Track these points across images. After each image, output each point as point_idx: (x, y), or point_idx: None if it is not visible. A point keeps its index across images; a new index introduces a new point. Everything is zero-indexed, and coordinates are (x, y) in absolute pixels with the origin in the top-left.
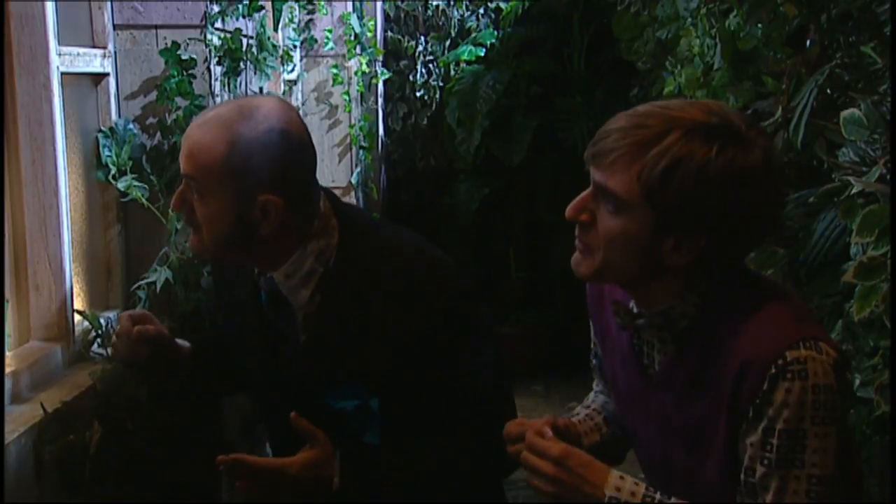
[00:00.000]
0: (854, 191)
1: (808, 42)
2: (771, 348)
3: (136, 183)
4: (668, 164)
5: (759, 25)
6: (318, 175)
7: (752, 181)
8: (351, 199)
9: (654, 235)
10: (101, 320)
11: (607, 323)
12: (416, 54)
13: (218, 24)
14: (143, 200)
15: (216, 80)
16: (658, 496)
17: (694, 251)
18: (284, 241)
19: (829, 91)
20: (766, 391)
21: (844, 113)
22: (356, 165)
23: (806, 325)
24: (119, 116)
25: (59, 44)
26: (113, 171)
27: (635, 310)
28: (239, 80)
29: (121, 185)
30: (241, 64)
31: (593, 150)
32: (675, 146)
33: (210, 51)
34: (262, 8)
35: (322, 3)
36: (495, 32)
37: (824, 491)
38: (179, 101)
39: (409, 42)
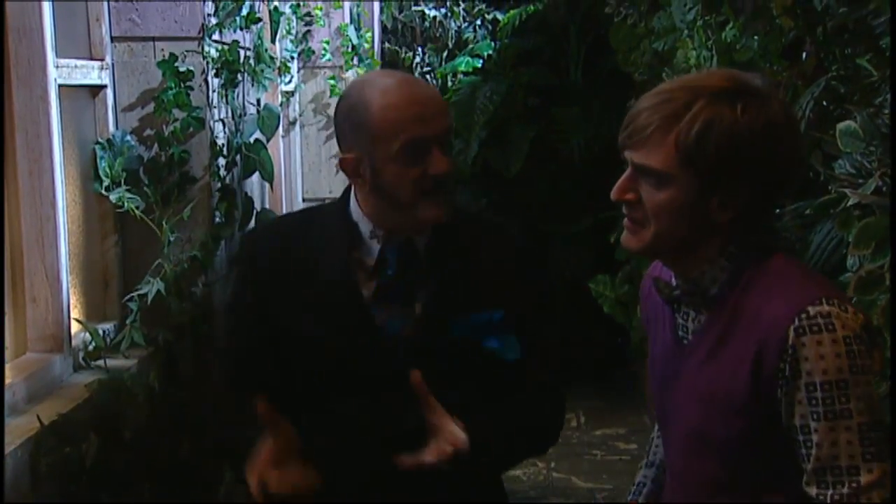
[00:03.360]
0: (850, 203)
1: (804, 54)
2: (793, 305)
3: (128, 195)
4: (700, 128)
5: (756, 37)
6: (316, 186)
7: (778, 131)
8: None
9: (700, 198)
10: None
11: (656, 305)
12: (414, 65)
13: (215, 36)
14: (137, 212)
15: (214, 91)
16: None
17: (738, 205)
18: None
19: (825, 103)
20: (794, 346)
21: (840, 125)
22: None
23: (830, 288)
24: (116, 128)
25: (56, 56)
26: (107, 183)
27: (674, 282)
28: (236, 91)
29: (113, 196)
30: (239, 75)
31: (626, 133)
32: (703, 112)
33: (207, 62)
34: (260, 20)
35: (319, 14)
36: (492, 43)
37: (877, 437)
38: (177, 112)
39: (406, 53)
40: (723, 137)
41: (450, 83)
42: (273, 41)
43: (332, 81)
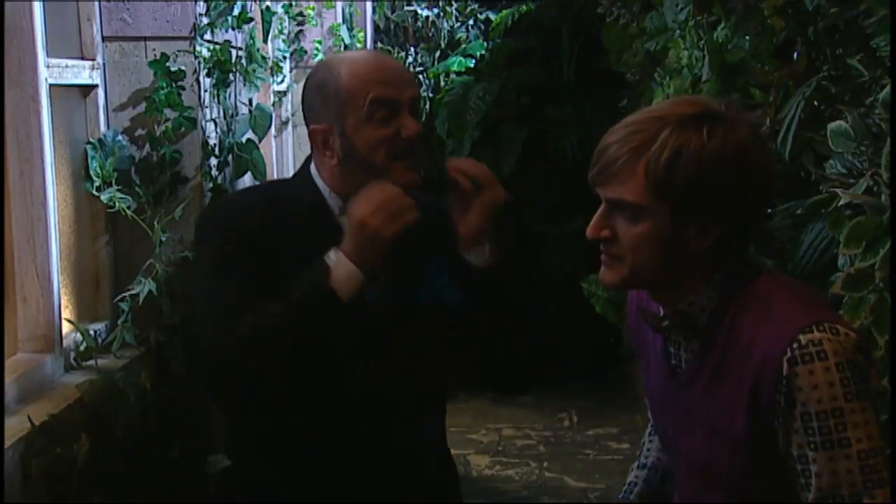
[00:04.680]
0: (841, 202)
1: (795, 54)
2: (784, 335)
3: (120, 195)
4: (669, 156)
5: (747, 38)
6: None
7: (747, 154)
8: None
9: (676, 228)
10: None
11: (644, 333)
12: (406, 65)
13: (207, 36)
14: (128, 212)
15: (205, 91)
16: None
17: (716, 231)
18: None
19: (816, 103)
20: (788, 377)
21: (831, 125)
22: None
23: (820, 310)
24: (108, 128)
25: (47, 56)
26: (98, 183)
27: (661, 313)
28: (228, 91)
29: (104, 196)
30: (231, 75)
31: (595, 169)
32: (671, 139)
33: (199, 62)
34: (252, 20)
35: (312, 14)
36: (485, 43)
37: (876, 463)
38: (168, 112)
39: (398, 53)
40: (691, 163)
41: (442, 83)
42: (265, 41)
43: None
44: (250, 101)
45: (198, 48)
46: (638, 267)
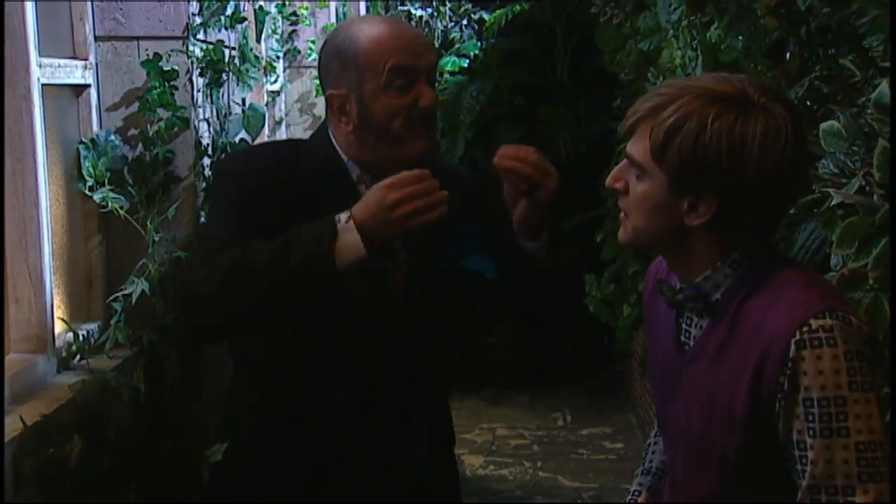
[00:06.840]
0: (834, 202)
1: (787, 54)
2: (795, 317)
3: (112, 195)
4: (670, 125)
5: (740, 38)
6: None
7: (754, 148)
8: None
9: (670, 197)
10: (81, 332)
11: (657, 308)
12: None
13: (200, 36)
14: (121, 212)
15: (198, 91)
16: None
17: (708, 212)
18: None
19: (808, 103)
20: (794, 359)
21: (824, 125)
22: None
23: (836, 300)
24: (100, 128)
25: (39, 55)
26: (91, 183)
27: (677, 286)
28: (221, 91)
29: (97, 196)
30: (224, 75)
31: (623, 122)
32: (679, 110)
33: (192, 62)
34: (245, 19)
35: (305, 14)
36: (479, 43)
37: (875, 457)
38: (161, 112)
39: None
40: (687, 140)
41: (436, 83)
42: (258, 41)
43: (318, 81)
44: (243, 100)
45: (191, 48)
46: (638, 227)
